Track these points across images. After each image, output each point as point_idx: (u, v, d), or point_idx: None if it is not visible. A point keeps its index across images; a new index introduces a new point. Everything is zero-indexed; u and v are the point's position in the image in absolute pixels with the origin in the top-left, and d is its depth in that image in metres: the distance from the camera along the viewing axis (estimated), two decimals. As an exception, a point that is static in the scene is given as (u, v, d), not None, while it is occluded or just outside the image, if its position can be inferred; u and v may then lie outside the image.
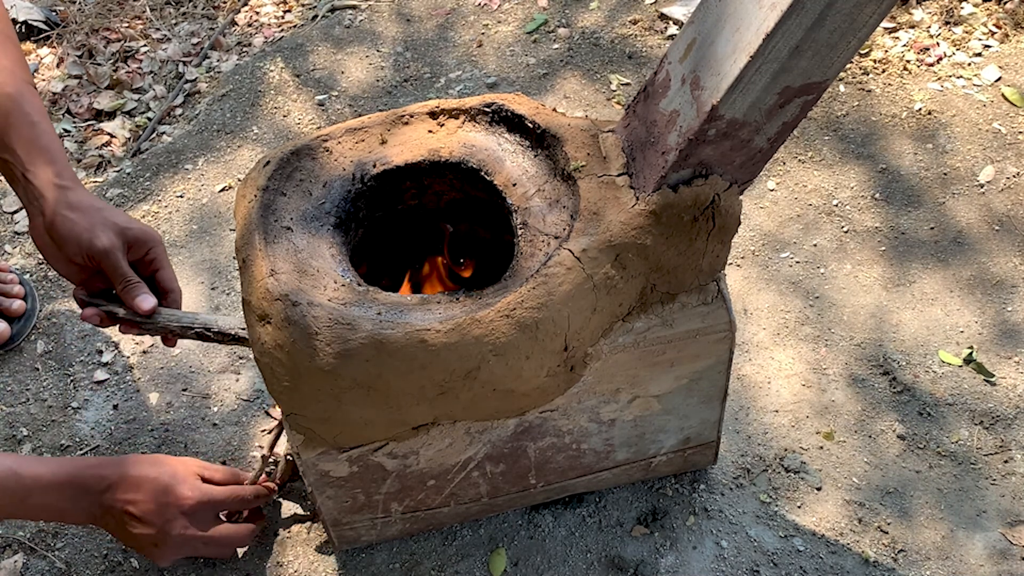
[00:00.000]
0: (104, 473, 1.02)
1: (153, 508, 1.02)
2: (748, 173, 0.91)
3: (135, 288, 1.02)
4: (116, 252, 1.01)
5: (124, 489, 1.02)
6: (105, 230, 1.01)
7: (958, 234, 1.44)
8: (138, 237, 1.03)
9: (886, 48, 1.70)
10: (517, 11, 1.83)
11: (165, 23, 1.88)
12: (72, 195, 1.01)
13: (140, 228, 1.04)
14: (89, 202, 1.02)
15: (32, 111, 1.02)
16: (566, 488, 1.14)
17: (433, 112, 1.06)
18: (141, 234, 1.03)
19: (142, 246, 1.04)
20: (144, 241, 1.04)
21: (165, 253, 1.07)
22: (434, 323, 0.88)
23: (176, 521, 1.03)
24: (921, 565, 1.13)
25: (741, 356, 1.32)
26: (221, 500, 1.07)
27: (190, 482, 1.05)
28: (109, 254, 1.01)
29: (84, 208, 1.01)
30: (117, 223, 1.02)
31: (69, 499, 1.01)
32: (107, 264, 1.02)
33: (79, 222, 1.00)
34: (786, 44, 0.78)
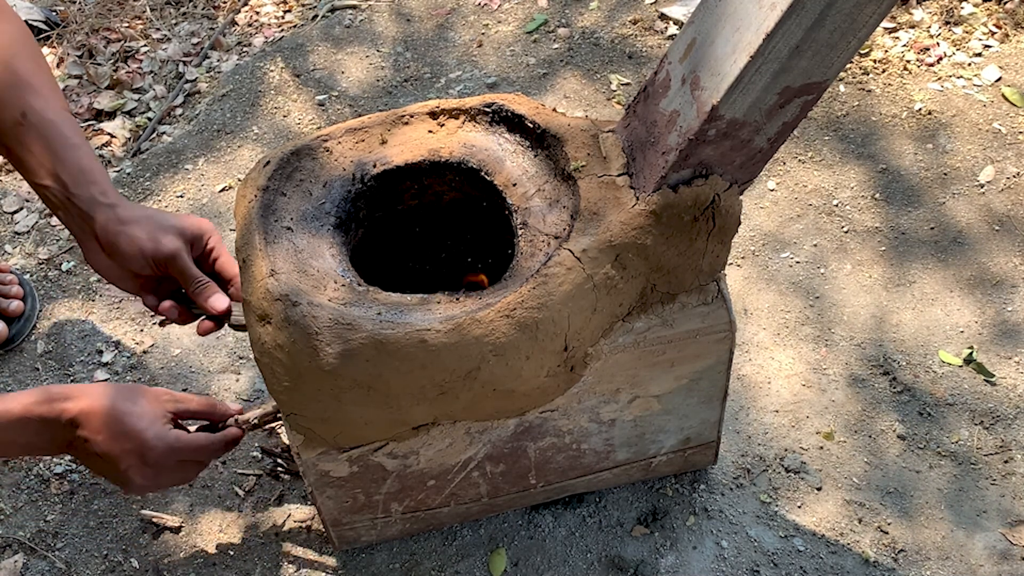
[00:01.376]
0: (65, 407, 0.97)
1: (116, 451, 0.97)
2: (748, 173, 0.91)
3: (207, 289, 1.03)
4: (182, 254, 1.02)
5: (85, 425, 0.97)
6: (166, 235, 1.02)
7: (958, 234, 1.44)
8: (195, 233, 1.04)
9: (886, 48, 1.70)
10: (517, 11, 1.83)
11: (165, 23, 1.88)
12: (121, 211, 1.02)
13: (194, 224, 1.04)
14: (140, 213, 1.03)
15: (71, 134, 1.03)
16: (566, 488, 1.14)
17: (433, 112, 1.05)
18: (197, 229, 1.04)
19: (200, 240, 1.05)
20: (201, 235, 1.05)
21: (220, 239, 1.07)
22: (434, 323, 0.88)
23: (136, 468, 0.99)
24: (921, 565, 1.13)
25: (741, 356, 1.32)
26: (187, 450, 1.01)
27: (156, 427, 0.99)
28: (176, 258, 1.02)
29: (138, 220, 1.02)
30: (174, 225, 1.03)
31: (33, 434, 0.97)
32: (175, 268, 1.03)
33: (138, 234, 1.01)
34: (786, 44, 0.78)
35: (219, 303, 1.03)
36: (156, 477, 1.01)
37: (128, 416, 0.98)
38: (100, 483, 1.24)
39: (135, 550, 1.18)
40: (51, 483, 1.24)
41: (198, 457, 1.04)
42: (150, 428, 0.99)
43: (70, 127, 1.04)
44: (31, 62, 1.05)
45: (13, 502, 1.23)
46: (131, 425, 0.98)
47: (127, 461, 0.98)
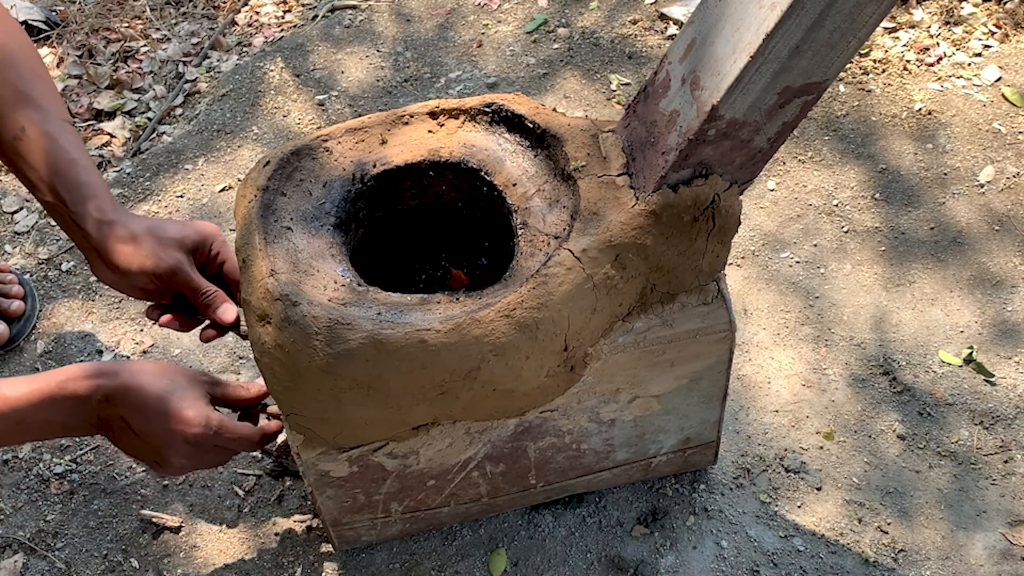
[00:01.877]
0: (101, 383, 0.94)
1: (155, 429, 0.94)
2: (748, 173, 0.91)
3: (214, 300, 1.02)
4: (183, 268, 1.01)
5: (123, 402, 0.94)
6: (165, 250, 1.00)
7: (958, 234, 1.44)
8: (196, 241, 1.03)
9: (886, 48, 1.70)
10: (517, 11, 1.83)
11: (165, 23, 1.88)
12: (119, 228, 1.01)
13: (195, 231, 1.03)
14: (138, 227, 1.01)
15: (70, 147, 1.02)
16: (566, 488, 1.14)
17: (433, 112, 1.05)
18: (198, 236, 1.03)
19: (204, 246, 1.04)
20: (204, 241, 1.04)
21: (225, 242, 1.06)
22: (434, 323, 0.88)
23: (177, 449, 0.95)
24: (921, 565, 1.13)
25: (741, 356, 1.32)
26: (228, 437, 0.98)
27: (198, 408, 0.95)
28: (178, 272, 1.00)
29: (136, 236, 1.00)
30: (174, 238, 1.01)
31: (65, 413, 0.94)
32: (178, 283, 1.02)
33: (137, 252, 1.00)
34: (786, 44, 0.78)
35: (227, 315, 1.02)
36: (193, 458, 0.97)
37: (171, 396, 0.94)
38: (100, 483, 1.24)
39: (135, 550, 1.18)
40: (51, 483, 1.24)
41: (238, 446, 1.00)
42: (193, 408, 0.95)
43: (69, 139, 1.03)
44: (30, 72, 1.04)
45: (13, 502, 1.23)
46: (174, 405, 0.94)
47: (168, 441, 0.94)
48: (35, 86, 1.04)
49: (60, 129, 1.03)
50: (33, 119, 1.02)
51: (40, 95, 1.03)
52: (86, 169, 1.02)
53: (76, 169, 1.02)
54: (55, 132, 1.02)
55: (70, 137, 1.03)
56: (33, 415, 0.94)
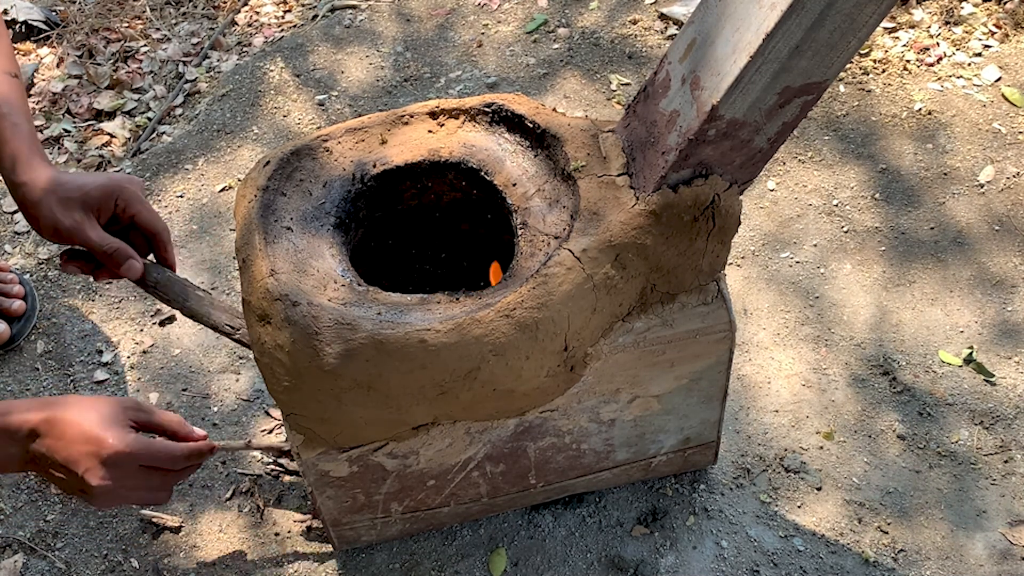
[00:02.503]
0: (27, 417, 0.94)
1: (70, 455, 0.93)
2: (748, 173, 0.91)
3: (116, 256, 1.01)
4: (82, 227, 1.00)
5: (45, 433, 0.94)
6: (64, 211, 1.00)
7: (958, 234, 1.44)
8: (99, 196, 1.01)
9: (886, 48, 1.70)
10: (517, 11, 1.83)
11: (165, 23, 1.88)
12: (28, 189, 1.01)
13: (98, 186, 1.01)
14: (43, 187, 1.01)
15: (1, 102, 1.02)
16: (566, 488, 1.14)
17: (433, 112, 1.05)
18: (101, 191, 1.01)
19: (108, 201, 1.02)
20: (108, 196, 1.02)
21: (137, 194, 1.04)
22: (434, 323, 0.88)
23: (94, 471, 0.93)
24: (921, 565, 1.13)
25: (741, 356, 1.32)
26: (145, 454, 0.95)
27: (114, 430, 0.94)
28: (76, 232, 1.00)
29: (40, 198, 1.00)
30: (72, 197, 1.00)
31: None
32: (78, 242, 1.01)
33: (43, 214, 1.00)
34: (786, 44, 0.78)
35: (131, 272, 1.02)
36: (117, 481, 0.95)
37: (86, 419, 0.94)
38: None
39: (135, 550, 1.18)
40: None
41: (159, 462, 0.97)
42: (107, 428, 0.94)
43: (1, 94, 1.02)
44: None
45: (13, 502, 1.23)
46: (88, 426, 0.94)
47: (85, 464, 0.94)
48: None
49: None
50: None
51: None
52: (12, 125, 1.02)
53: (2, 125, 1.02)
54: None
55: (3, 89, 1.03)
56: None
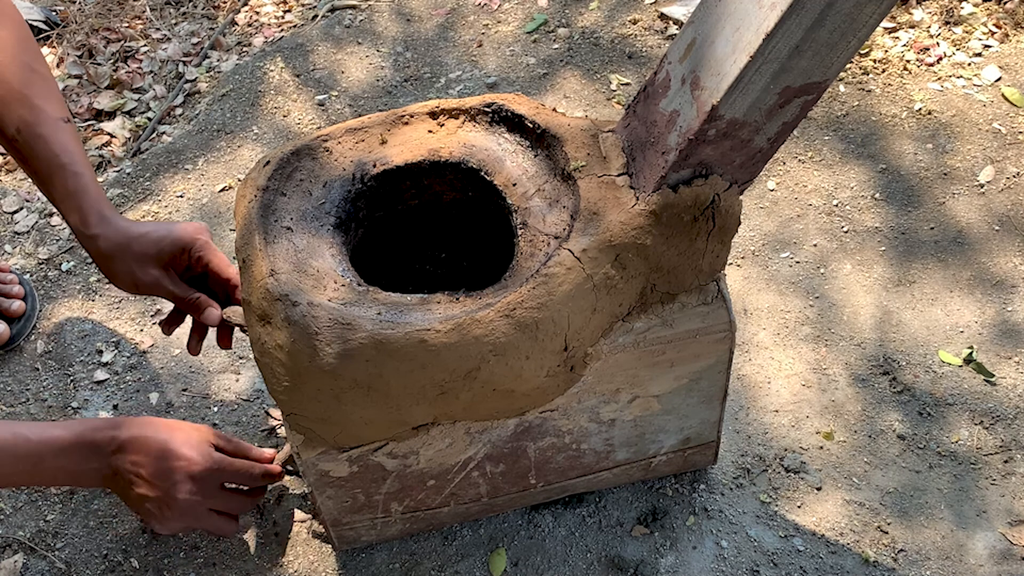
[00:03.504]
0: (115, 434, 1.01)
1: (160, 470, 1.00)
2: (748, 173, 0.91)
3: (198, 305, 1.06)
4: (162, 281, 1.04)
5: (134, 450, 1.00)
6: (141, 265, 1.03)
7: (958, 234, 1.44)
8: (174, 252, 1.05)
9: (886, 48, 1.70)
10: (517, 11, 1.83)
11: (165, 23, 1.88)
12: (101, 242, 1.03)
13: (173, 241, 1.04)
14: (117, 240, 1.03)
15: (60, 151, 1.03)
16: (566, 488, 1.14)
17: (433, 112, 1.05)
18: (175, 247, 1.05)
19: (183, 252, 1.05)
20: (182, 248, 1.05)
21: (208, 243, 1.07)
22: (434, 323, 0.88)
23: (182, 484, 1.01)
24: (921, 565, 1.13)
25: (741, 356, 1.32)
26: (229, 470, 1.05)
27: (201, 448, 1.02)
28: (156, 287, 1.04)
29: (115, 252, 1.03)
30: (148, 252, 1.03)
31: (80, 460, 1.00)
32: (160, 295, 1.05)
33: (118, 268, 1.03)
34: (786, 44, 0.78)
35: (209, 319, 1.06)
36: (202, 496, 1.03)
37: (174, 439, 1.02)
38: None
39: (135, 550, 1.18)
40: (51, 483, 1.24)
41: (239, 480, 1.06)
42: (196, 447, 1.02)
43: (61, 142, 1.03)
44: (26, 70, 1.03)
45: (13, 502, 1.23)
46: (176, 445, 1.01)
47: (173, 478, 1.01)
48: (32, 84, 1.03)
49: (53, 130, 1.03)
50: (27, 120, 1.02)
51: (36, 94, 1.03)
52: (74, 175, 1.03)
53: (64, 176, 1.02)
54: (47, 135, 1.02)
55: (63, 138, 1.03)
56: (50, 460, 0.99)
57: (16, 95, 1.02)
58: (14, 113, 1.01)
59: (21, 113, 1.02)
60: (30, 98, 1.02)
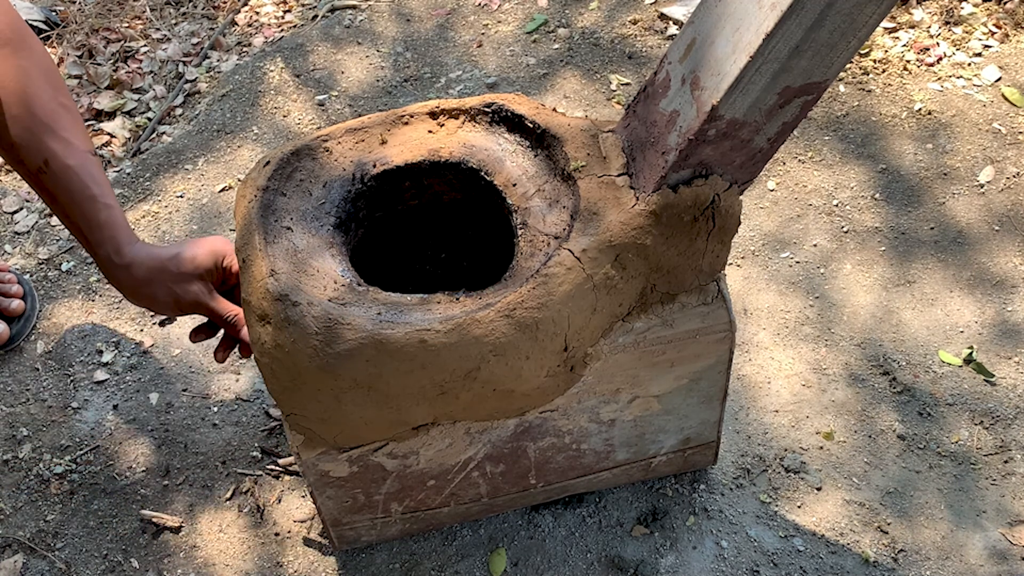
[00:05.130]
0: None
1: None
2: (748, 173, 0.91)
3: (237, 323, 1.06)
4: (203, 298, 1.04)
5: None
6: (180, 285, 1.03)
7: (958, 234, 1.44)
8: (209, 266, 1.05)
9: (886, 48, 1.70)
10: (517, 11, 1.83)
11: (165, 23, 1.88)
12: (136, 270, 1.04)
13: (207, 254, 1.05)
14: (152, 265, 1.04)
15: (90, 182, 1.03)
16: (566, 488, 1.14)
17: (433, 112, 1.05)
18: (211, 260, 1.05)
19: (218, 267, 1.06)
20: (216, 261, 1.06)
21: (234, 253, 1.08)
22: (434, 323, 0.88)
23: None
24: (921, 565, 1.13)
25: (741, 356, 1.32)
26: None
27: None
28: (198, 305, 1.05)
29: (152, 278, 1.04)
30: (186, 271, 1.04)
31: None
32: (201, 312, 1.06)
33: (156, 291, 1.04)
34: (786, 44, 0.78)
35: None
36: None
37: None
38: (100, 483, 1.24)
39: (135, 550, 1.18)
40: (51, 483, 1.24)
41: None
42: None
43: (89, 173, 1.03)
44: (54, 102, 1.03)
45: (13, 502, 1.23)
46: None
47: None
48: (59, 117, 1.03)
49: (82, 163, 1.03)
50: (55, 152, 1.02)
51: (63, 127, 1.03)
52: (105, 207, 1.03)
53: (95, 207, 1.03)
54: (76, 166, 1.02)
55: (92, 170, 1.04)
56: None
57: (44, 127, 1.02)
58: (42, 145, 1.01)
59: (49, 145, 1.02)
60: (57, 131, 1.02)
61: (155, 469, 1.25)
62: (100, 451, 1.27)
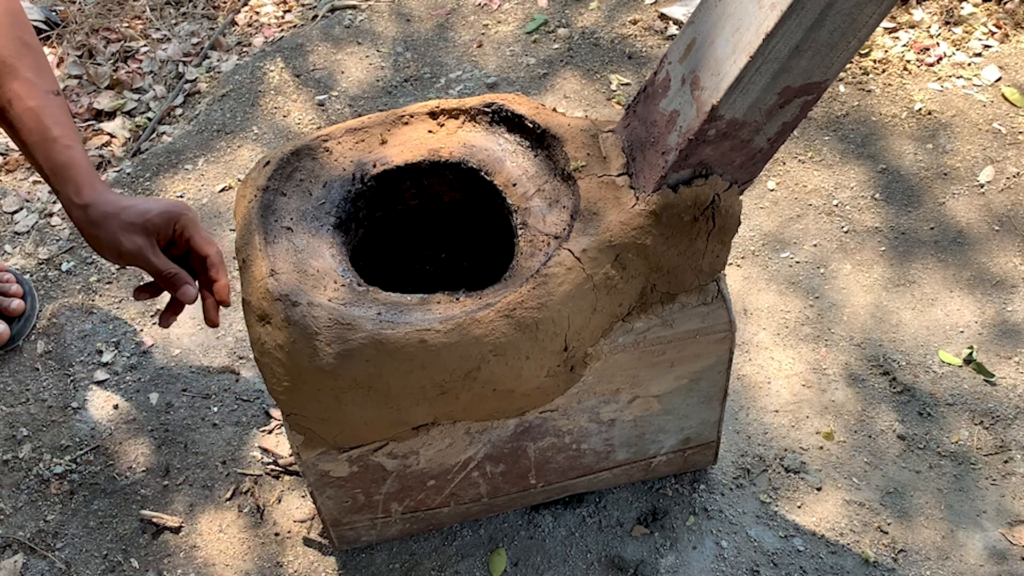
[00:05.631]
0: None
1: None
2: (748, 173, 0.91)
3: (175, 281, 1.05)
4: (144, 252, 1.04)
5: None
6: (127, 234, 1.03)
7: (958, 234, 1.44)
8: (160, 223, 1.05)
9: (886, 48, 1.70)
10: (517, 11, 1.83)
11: (165, 23, 1.88)
12: (92, 211, 1.04)
13: (160, 212, 1.05)
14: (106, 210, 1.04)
15: (52, 123, 1.04)
16: (566, 488, 1.14)
17: (433, 112, 1.05)
18: (162, 217, 1.05)
19: (168, 227, 1.06)
20: (167, 222, 1.05)
21: (193, 220, 1.07)
22: (434, 323, 0.88)
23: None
24: (921, 565, 1.13)
25: (741, 356, 1.32)
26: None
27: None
28: (138, 257, 1.04)
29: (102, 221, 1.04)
30: (135, 222, 1.04)
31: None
32: (140, 265, 1.05)
33: (103, 236, 1.03)
34: (786, 44, 0.78)
35: (186, 296, 1.04)
36: None
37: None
38: (100, 483, 1.24)
39: (135, 550, 1.18)
40: (51, 483, 1.24)
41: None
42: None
43: (52, 114, 1.04)
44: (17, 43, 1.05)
45: (13, 502, 1.23)
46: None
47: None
48: (22, 56, 1.05)
49: (45, 103, 1.04)
50: (18, 92, 1.03)
51: (26, 66, 1.04)
52: (65, 148, 1.04)
53: (56, 148, 1.03)
54: (39, 107, 1.04)
55: (54, 111, 1.05)
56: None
57: (7, 67, 1.03)
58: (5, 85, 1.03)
59: (12, 85, 1.03)
60: (21, 70, 1.04)
61: (155, 469, 1.25)
62: (100, 451, 1.27)
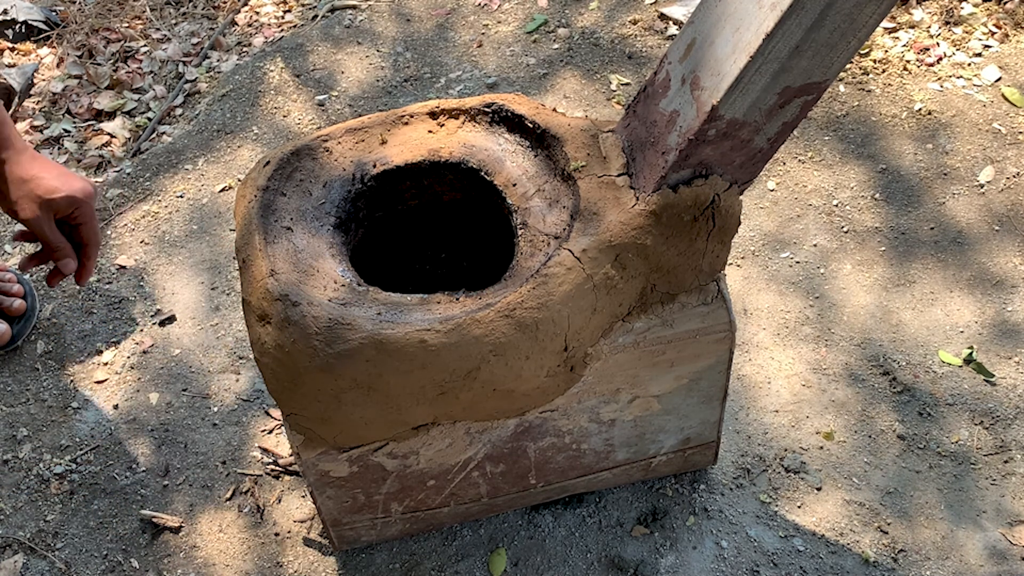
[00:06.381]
0: None
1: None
2: (748, 173, 0.91)
3: (59, 253, 1.10)
4: (38, 222, 1.08)
5: None
6: (28, 202, 1.08)
7: (958, 234, 1.44)
8: (61, 204, 1.09)
9: (886, 48, 1.70)
10: (517, 11, 1.83)
11: (165, 23, 1.88)
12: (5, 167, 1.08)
13: (64, 197, 1.09)
14: (18, 172, 1.08)
15: None
16: (566, 488, 1.14)
17: (433, 112, 1.05)
18: (64, 200, 1.09)
19: (68, 209, 1.10)
20: (69, 206, 1.10)
21: (90, 209, 1.12)
22: (434, 323, 0.88)
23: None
24: (921, 565, 1.13)
25: (741, 356, 1.32)
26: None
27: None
28: (31, 224, 1.08)
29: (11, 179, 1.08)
30: (40, 195, 1.08)
31: None
32: (32, 231, 1.10)
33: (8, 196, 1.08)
34: (786, 44, 0.78)
35: (66, 268, 1.10)
36: None
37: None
38: (100, 483, 1.24)
39: (135, 550, 1.18)
40: (51, 483, 1.24)
41: None
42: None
43: None
44: None
45: (13, 502, 1.23)
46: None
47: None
48: None
49: None
50: None
51: None
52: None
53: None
54: None
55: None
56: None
57: None
58: None
59: None
60: None
61: (155, 469, 1.25)
62: (100, 451, 1.27)
